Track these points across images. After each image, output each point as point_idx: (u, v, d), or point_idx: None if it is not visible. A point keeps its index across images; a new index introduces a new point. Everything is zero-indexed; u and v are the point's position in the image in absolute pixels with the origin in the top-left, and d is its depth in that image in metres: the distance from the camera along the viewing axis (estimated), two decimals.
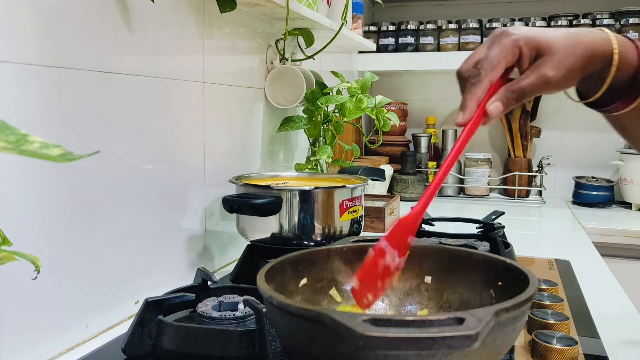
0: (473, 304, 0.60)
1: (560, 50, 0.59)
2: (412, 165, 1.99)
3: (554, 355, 0.66)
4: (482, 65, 0.59)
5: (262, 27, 1.22)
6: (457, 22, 2.06)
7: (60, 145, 0.32)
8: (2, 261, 0.45)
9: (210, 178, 1.02)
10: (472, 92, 0.59)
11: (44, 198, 0.66)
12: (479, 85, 0.59)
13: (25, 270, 0.57)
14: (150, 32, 0.84)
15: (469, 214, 1.41)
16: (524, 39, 0.59)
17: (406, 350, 0.39)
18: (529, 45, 0.59)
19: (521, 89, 0.59)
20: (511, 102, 0.60)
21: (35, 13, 0.64)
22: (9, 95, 0.61)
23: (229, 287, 0.77)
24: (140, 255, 0.84)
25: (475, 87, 0.59)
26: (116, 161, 0.78)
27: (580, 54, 0.60)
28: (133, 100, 0.81)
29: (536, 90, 0.60)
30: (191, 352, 0.63)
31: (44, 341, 0.68)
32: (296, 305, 0.46)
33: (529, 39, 0.59)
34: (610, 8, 2.01)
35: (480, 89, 0.59)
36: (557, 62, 0.59)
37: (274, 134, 1.30)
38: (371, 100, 1.31)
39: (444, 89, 2.28)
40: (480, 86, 0.59)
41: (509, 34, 0.60)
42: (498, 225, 1.13)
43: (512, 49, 0.59)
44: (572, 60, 0.59)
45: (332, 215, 0.93)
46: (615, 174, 2.07)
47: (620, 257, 1.64)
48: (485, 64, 0.59)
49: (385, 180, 1.38)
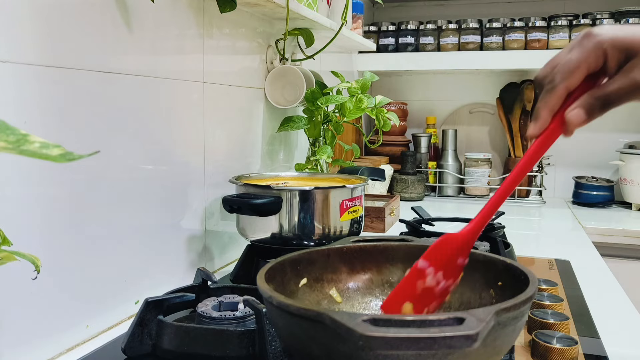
0: (473, 304, 0.60)
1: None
2: (412, 165, 1.99)
3: (554, 355, 0.66)
4: (559, 70, 0.53)
5: (262, 27, 1.22)
6: (457, 22, 2.06)
7: (60, 145, 0.32)
8: (2, 261, 0.45)
9: (210, 178, 1.02)
10: (546, 100, 0.54)
11: (44, 198, 0.66)
12: (554, 92, 0.53)
13: (25, 270, 0.57)
14: (150, 32, 0.84)
15: (469, 214, 1.40)
16: (609, 40, 0.52)
17: (406, 350, 0.39)
18: (616, 46, 0.52)
19: (607, 95, 0.52)
20: (595, 110, 0.53)
21: (35, 13, 0.64)
22: (9, 95, 0.61)
23: (229, 287, 0.77)
24: (140, 255, 0.84)
25: (550, 94, 0.53)
26: (116, 161, 0.78)
27: None
28: (133, 100, 0.81)
29: (625, 96, 0.52)
30: (191, 352, 0.63)
31: (44, 341, 0.68)
32: (296, 305, 0.46)
33: (615, 40, 0.52)
34: (610, 8, 2.01)
35: (554, 97, 0.53)
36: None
37: (274, 134, 1.30)
38: (371, 100, 1.31)
39: (444, 89, 2.27)
40: (555, 94, 0.53)
41: (593, 34, 0.52)
42: (498, 225, 1.13)
43: (594, 51, 0.52)
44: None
45: (332, 215, 0.93)
46: (615, 174, 2.07)
47: (620, 257, 1.64)
48: (562, 69, 0.53)
49: (385, 180, 1.38)
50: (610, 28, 0.52)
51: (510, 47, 1.98)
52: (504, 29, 2.01)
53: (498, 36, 2.00)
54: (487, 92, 2.23)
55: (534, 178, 2.11)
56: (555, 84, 0.53)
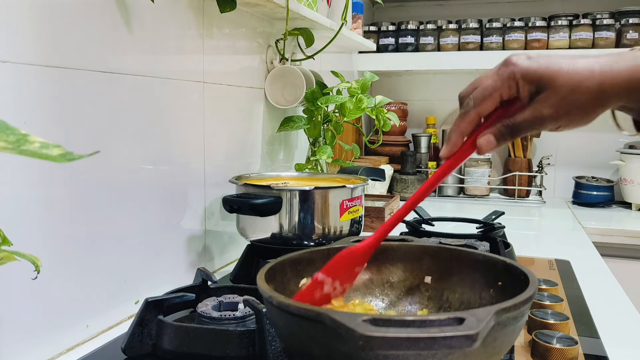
0: (473, 304, 0.60)
1: (564, 86, 0.52)
2: (412, 165, 1.99)
3: (554, 355, 0.66)
4: (475, 95, 0.55)
5: (262, 27, 1.22)
6: (457, 22, 2.06)
7: (60, 145, 0.32)
8: (2, 261, 0.45)
9: (210, 178, 1.02)
10: (458, 124, 0.56)
11: (44, 198, 0.66)
12: (466, 117, 0.55)
13: (25, 270, 0.57)
14: (150, 32, 0.84)
15: (469, 214, 1.41)
16: (522, 71, 0.53)
17: (406, 350, 0.39)
18: (528, 78, 0.53)
19: (514, 125, 0.54)
20: (505, 137, 0.55)
21: (35, 13, 0.64)
22: (9, 95, 0.61)
23: (229, 287, 0.77)
24: (140, 255, 0.84)
25: (462, 119, 0.56)
26: (116, 161, 0.78)
27: (591, 87, 0.52)
28: (133, 100, 0.81)
29: (531, 127, 0.54)
30: (191, 352, 0.63)
31: (44, 341, 0.68)
32: (296, 305, 0.46)
33: (527, 72, 0.53)
34: (610, 8, 2.01)
35: (466, 121, 0.55)
36: (558, 99, 0.53)
37: (274, 134, 1.30)
38: (371, 100, 1.31)
39: (444, 89, 2.27)
40: (467, 119, 0.55)
41: (510, 63, 0.54)
42: (498, 225, 1.13)
43: (508, 80, 0.54)
44: (577, 97, 0.52)
45: (332, 215, 0.93)
46: (615, 174, 2.07)
47: (620, 257, 1.64)
48: (477, 95, 0.55)
49: (385, 180, 1.38)
50: (525, 59, 0.54)
51: (510, 47, 1.98)
52: (504, 29, 2.01)
53: (498, 36, 2.00)
54: None
55: (534, 178, 2.11)
56: (469, 108, 0.55)
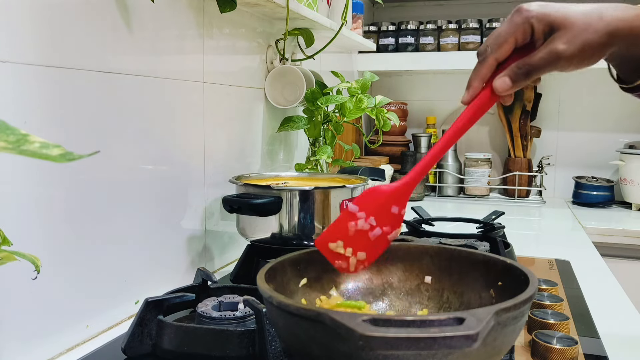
0: (473, 304, 0.60)
1: (576, 25, 0.55)
2: (412, 165, 1.98)
3: (554, 355, 0.66)
4: (490, 43, 0.58)
5: (262, 27, 1.22)
6: (457, 22, 2.06)
7: (60, 145, 0.32)
8: (2, 261, 0.45)
9: (210, 178, 1.02)
10: (477, 70, 0.58)
11: (44, 198, 0.66)
12: (484, 63, 0.58)
13: (25, 270, 0.57)
14: (150, 32, 0.84)
15: (469, 214, 1.41)
16: (536, 15, 0.56)
17: (406, 350, 0.39)
18: (542, 20, 0.56)
19: (530, 64, 0.57)
20: (519, 78, 0.57)
21: (35, 13, 0.64)
22: (9, 95, 0.61)
23: (229, 287, 0.77)
24: (140, 255, 0.84)
25: (480, 65, 0.58)
26: (116, 161, 0.78)
27: (600, 29, 0.55)
28: (133, 100, 0.81)
29: (546, 66, 0.56)
30: (191, 352, 0.63)
31: (44, 341, 0.68)
32: (296, 305, 0.46)
33: (542, 15, 0.56)
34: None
35: (484, 67, 0.58)
36: (571, 36, 0.55)
37: (274, 134, 1.30)
38: (371, 100, 1.31)
39: (444, 89, 2.27)
40: (485, 64, 0.58)
41: (522, 10, 0.57)
42: (498, 225, 1.13)
43: (522, 24, 0.57)
44: (588, 35, 0.55)
45: (332, 215, 0.93)
46: (615, 174, 2.07)
47: (620, 257, 1.64)
48: (492, 42, 0.58)
49: (385, 180, 1.38)
50: (538, 4, 0.57)
51: None
52: None
53: None
54: None
55: (534, 178, 2.11)
56: (486, 55, 0.58)
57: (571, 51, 0.55)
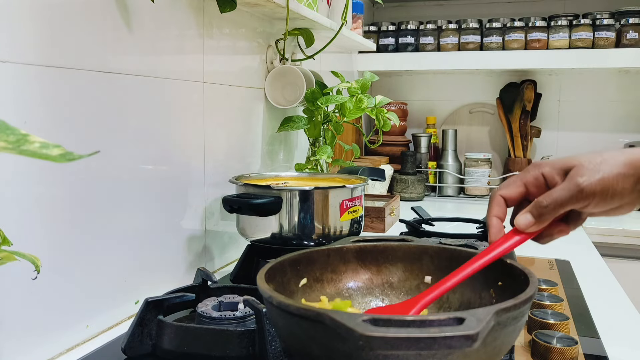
0: (473, 304, 0.60)
1: (592, 161, 0.56)
2: (412, 165, 1.99)
3: (554, 355, 0.66)
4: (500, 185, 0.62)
5: (262, 27, 1.22)
6: (457, 22, 2.06)
7: (60, 145, 0.32)
8: (2, 261, 0.45)
9: (210, 178, 1.02)
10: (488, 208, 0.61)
11: (44, 198, 0.66)
12: (491, 199, 0.61)
13: (25, 270, 0.57)
14: (150, 32, 0.84)
15: (469, 214, 1.41)
16: (548, 163, 0.59)
17: (406, 350, 0.39)
18: (554, 166, 0.58)
19: (555, 199, 0.56)
20: (543, 214, 0.57)
21: (35, 13, 0.64)
22: (9, 95, 0.61)
23: (229, 287, 0.77)
24: (140, 255, 0.84)
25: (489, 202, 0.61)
26: (116, 161, 0.78)
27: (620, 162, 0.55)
28: (133, 100, 0.81)
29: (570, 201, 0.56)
30: (191, 352, 0.63)
31: (44, 341, 0.68)
32: (296, 305, 0.46)
33: (553, 162, 0.59)
34: (610, 8, 2.01)
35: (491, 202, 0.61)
36: (589, 170, 0.55)
37: (274, 134, 1.30)
38: (371, 100, 1.31)
39: (444, 89, 2.27)
40: (492, 200, 0.61)
41: (535, 162, 0.61)
42: None
43: (533, 171, 0.59)
44: (608, 168, 0.55)
45: (332, 215, 0.93)
46: None
47: (620, 257, 1.64)
48: (503, 184, 0.61)
49: (385, 180, 1.38)
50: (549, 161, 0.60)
51: (510, 47, 1.98)
52: (504, 29, 2.01)
53: (498, 36, 2.00)
54: (487, 92, 2.23)
55: None
56: (494, 192, 0.61)
57: (593, 184, 0.55)
